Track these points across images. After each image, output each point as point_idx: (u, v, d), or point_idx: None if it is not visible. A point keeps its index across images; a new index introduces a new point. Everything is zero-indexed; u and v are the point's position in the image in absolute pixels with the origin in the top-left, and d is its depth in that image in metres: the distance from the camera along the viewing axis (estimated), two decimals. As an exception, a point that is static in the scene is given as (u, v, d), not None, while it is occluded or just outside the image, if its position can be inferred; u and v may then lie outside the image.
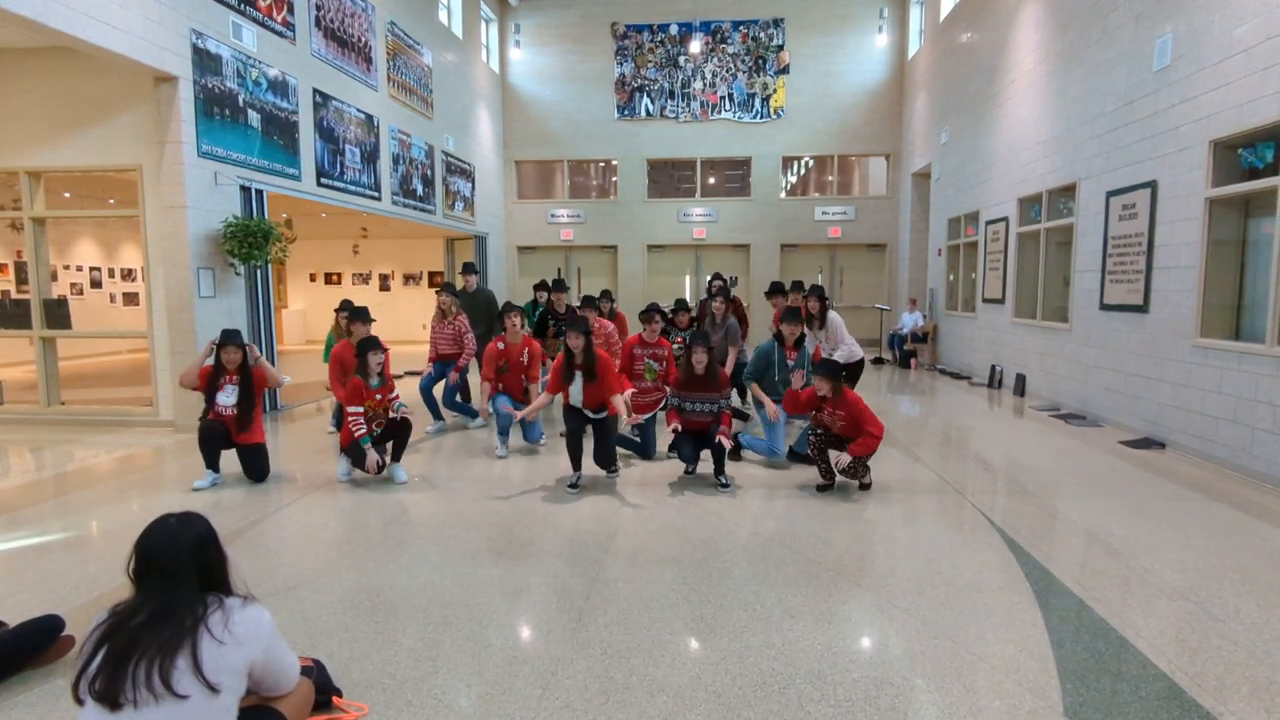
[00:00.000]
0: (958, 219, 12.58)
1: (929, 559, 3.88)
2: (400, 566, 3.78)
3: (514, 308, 6.35)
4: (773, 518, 4.58)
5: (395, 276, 18.26)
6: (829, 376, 4.92)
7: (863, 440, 4.83)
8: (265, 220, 7.72)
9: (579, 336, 5.13)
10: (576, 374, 5.19)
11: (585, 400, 5.23)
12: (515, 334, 6.32)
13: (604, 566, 3.78)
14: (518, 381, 6.32)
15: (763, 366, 5.87)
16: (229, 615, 2.01)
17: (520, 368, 6.31)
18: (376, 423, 5.35)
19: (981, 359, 11.17)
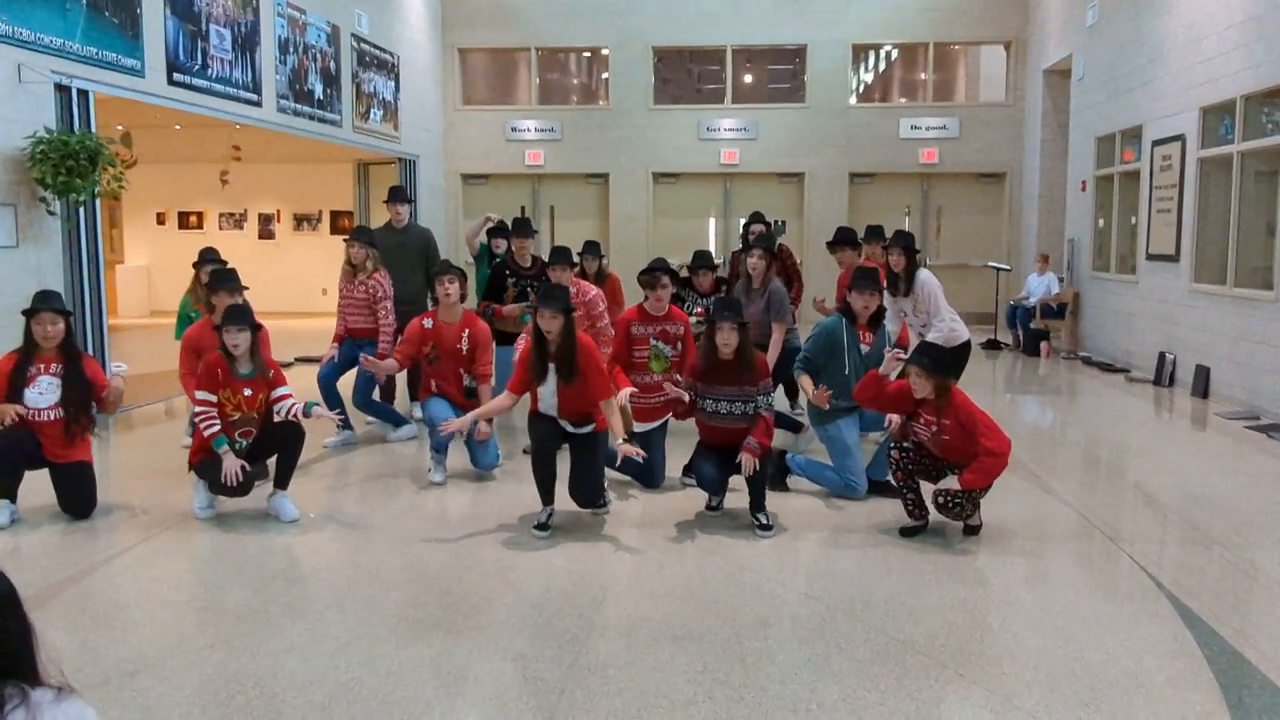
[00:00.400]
0: (1110, 138, 12.55)
1: (1066, 638, 3.85)
2: (288, 643, 3.76)
3: (450, 269, 6.32)
4: (835, 575, 4.56)
5: (282, 218, 18.26)
6: (933, 370, 4.90)
7: (980, 464, 4.81)
8: (92, 135, 7.69)
9: (556, 315, 5.09)
10: (550, 368, 5.16)
11: (562, 408, 5.21)
12: (451, 308, 6.30)
13: (587, 646, 3.76)
14: (455, 377, 6.30)
15: (822, 354, 5.85)
16: (36, 715, 1.99)
17: (458, 358, 6.29)
18: (244, 431, 5.33)
19: (1145, 343, 11.17)
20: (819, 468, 5.98)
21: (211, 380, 5.25)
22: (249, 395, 5.31)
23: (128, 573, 4.58)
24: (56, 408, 5.25)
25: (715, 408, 5.30)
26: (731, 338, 5.17)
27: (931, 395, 4.93)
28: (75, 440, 5.34)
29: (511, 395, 5.32)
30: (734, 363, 5.21)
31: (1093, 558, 4.84)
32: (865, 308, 5.82)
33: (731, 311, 5.21)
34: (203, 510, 5.37)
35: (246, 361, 5.32)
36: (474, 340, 6.29)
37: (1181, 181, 10.22)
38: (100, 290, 8.30)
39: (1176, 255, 10.37)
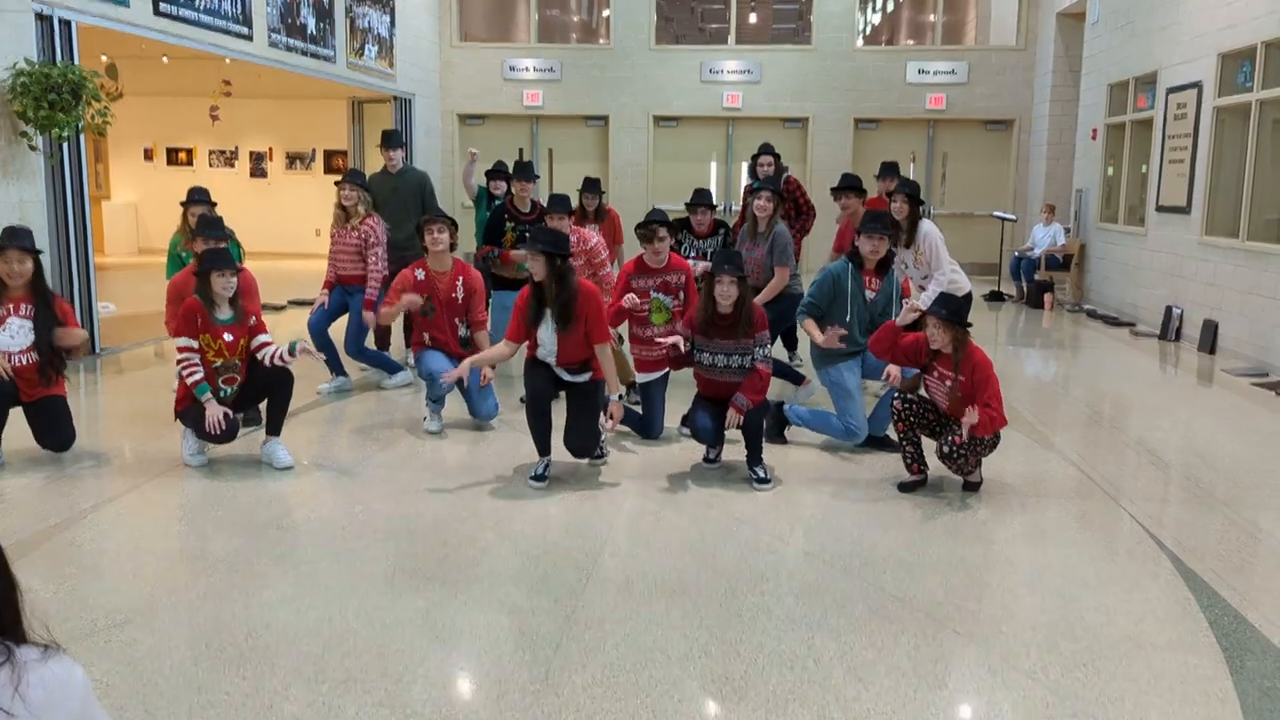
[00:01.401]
0: (1124, 84, 12.37)
1: (1065, 597, 3.86)
2: (281, 594, 3.77)
3: (439, 216, 6.24)
4: (833, 530, 4.57)
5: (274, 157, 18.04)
6: (950, 322, 4.86)
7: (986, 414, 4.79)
8: (76, 67, 7.55)
9: (536, 257, 5.02)
10: (546, 313, 5.12)
11: (560, 355, 5.18)
12: (440, 256, 6.22)
13: (583, 599, 3.77)
14: (451, 327, 6.26)
15: (826, 299, 5.80)
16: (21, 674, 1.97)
17: (454, 307, 6.24)
18: (227, 378, 5.30)
19: (1152, 296, 11.13)
20: (819, 416, 5.98)
21: (190, 325, 5.19)
22: (229, 341, 5.27)
23: (116, 521, 4.58)
24: (30, 351, 5.22)
25: (712, 361, 5.27)
26: (731, 290, 5.13)
27: (949, 347, 4.90)
28: (53, 382, 5.33)
29: (511, 343, 5.28)
30: (733, 316, 5.17)
31: (1093, 516, 4.85)
32: (874, 252, 5.74)
33: (732, 264, 5.16)
34: (193, 457, 5.36)
35: (226, 307, 5.27)
36: (469, 288, 6.24)
37: (1196, 131, 10.10)
38: (86, 228, 8.21)
39: (1188, 207, 10.29)
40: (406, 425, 6.32)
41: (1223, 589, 3.96)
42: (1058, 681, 3.20)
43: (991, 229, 15.06)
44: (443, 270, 6.22)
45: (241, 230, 6.91)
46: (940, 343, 4.91)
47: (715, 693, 3.12)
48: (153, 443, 5.80)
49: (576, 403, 5.28)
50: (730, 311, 5.17)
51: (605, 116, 16.64)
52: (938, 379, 5.01)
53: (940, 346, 4.93)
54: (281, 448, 5.39)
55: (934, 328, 4.90)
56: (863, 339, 5.73)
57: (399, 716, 2.95)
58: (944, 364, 4.97)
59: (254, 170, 17.93)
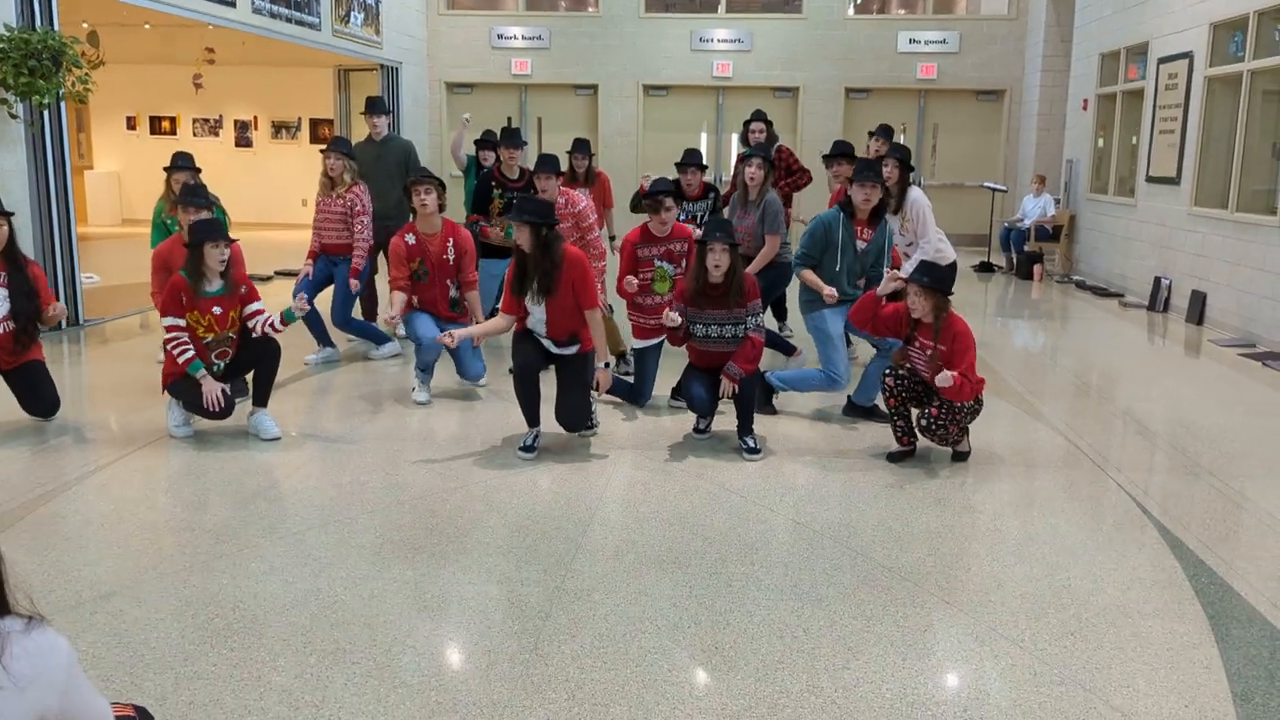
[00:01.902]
0: (1115, 54, 12.32)
1: (1052, 566, 3.88)
2: (268, 565, 3.76)
3: (426, 178, 6.19)
4: (823, 500, 4.58)
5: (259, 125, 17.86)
6: (933, 289, 4.84)
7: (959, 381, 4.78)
8: (55, 33, 7.43)
9: (521, 226, 4.98)
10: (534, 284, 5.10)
11: (550, 326, 5.15)
12: (429, 219, 6.18)
13: (572, 570, 3.77)
14: (443, 290, 6.23)
15: (818, 247, 5.79)
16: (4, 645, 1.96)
17: (446, 269, 6.22)
18: (220, 352, 5.26)
19: (1141, 268, 11.14)
20: (801, 375, 6.01)
21: (175, 304, 5.13)
22: (219, 314, 5.21)
23: (101, 491, 4.56)
24: (6, 319, 5.18)
25: (705, 332, 5.25)
26: (723, 259, 5.10)
27: (929, 316, 4.88)
28: (28, 349, 5.29)
29: (507, 317, 5.25)
30: (724, 285, 5.15)
31: (1080, 485, 4.86)
32: (866, 200, 5.72)
33: (722, 232, 5.13)
34: (178, 428, 5.33)
35: (215, 278, 5.20)
36: (459, 249, 6.22)
37: (1187, 101, 10.07)
38: (68, 198, 8.11)
39: (1177, 178, 10.28)
40: (394, 396, 6.30)
41: (1209, 558, 3.98)
42: (1045, 650, 3.22)
43: (982, 200, 15.03)
44: (432, 232, 6.18)
45: (226, 200, 6.83)
46: (921, 311, 4.89)
47: (705, 662, 3.13)
48: (137, 414, 5.76)
49: (565, 376, 5.26)
50: (721, 281, 5.14)
51: (594, 85, 16.51)
52: (919, 349, 5.00)
53: (921, 315, 4.91)
54: (268, 418, 5.36)
55: (914, 295, 4.88)
56: (851, 289, 5.72)
57: (388, 687, 2.94)
58: (925, 334, 4.95)
59: (239, 139, 17.75)
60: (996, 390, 6.72)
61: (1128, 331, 9.40)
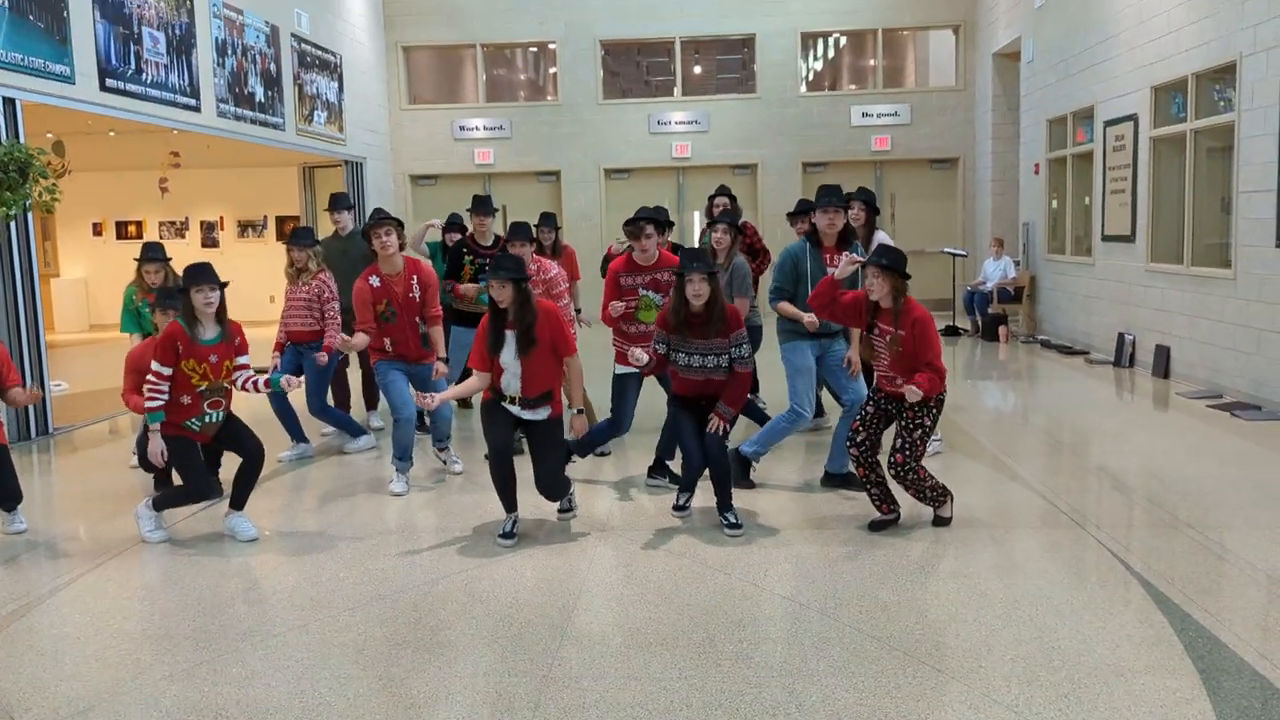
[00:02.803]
0: (1062, 119, 12.69)
1: (1040, 628, 3.88)
2: (250, 669, 3.68)
3: (385, 220, 6.20)
4: (807, 573, 4.56)
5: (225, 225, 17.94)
6: (890, 270, 4.88)
7: (928, 375, 4.80)
8: (21, 145, 7.47)
9: (504, 284, 5.00)
10: (508, 337, 5.08)
11: (524, 384, 5.09)
12: (391, 259, 6.17)
13: (559, 657, 3.72)
14: (412, 328, 6.18)
15: (789, 279, 5.84)
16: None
17: (412, 307, 6.19)
18: (212, 401, 5.18)
19: (1103, 324, 11.33)
20: (768, 430, 6.00)
21: (169, 353, 5.06)
22: (214, 363, 5.13)
23: (75, 603, 4.46)
24: None
25: (688, 361, 5.23)
26: (702, 288, 5.11)
27: (888, 299, 4.91)
28: None
29: (481, 375, 5.21)
30: (705, 314, 5.16)
31: (1062, 544, 4.88)
32: (830, 225, 5.77)
33: (701, 262, 5.16)
34: (151, 534, 5.24)
35: (212, 325, 5.14)
36: (423, 283, 6.20)
37: (1135, 161, 10.37)
38: (36, 307, 8.08)
39: (1132, 235, 10.53)
40: (371, 489, 6.24)
41: (1195, 611, 3.99)
42: (1041, 713, 3.20)
43: (943, 265, 15.29)
44: (395, 272, 6.18)
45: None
46: (879, 293, 4.91)
47: (699, 746, 3.08)
48: (110, 522, 5.67)
49: (537, 443, 5.22)
50: (702, 310, 5.15)
51: (557, 171, 16.76)
52: (879, 335, 5.00)
53: (879, 298, 4.92)
54: (245, 520, 5.29)
55: (873, 277, 4.91)
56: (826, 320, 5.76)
57: (377, 790, 2.87)
58: (885, 319, 4.96)
59: (205, 240, 17.79)
60: (970, 452, 6.76)
61: (1096, 388, 9.52)
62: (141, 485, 6.39)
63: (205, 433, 5.19)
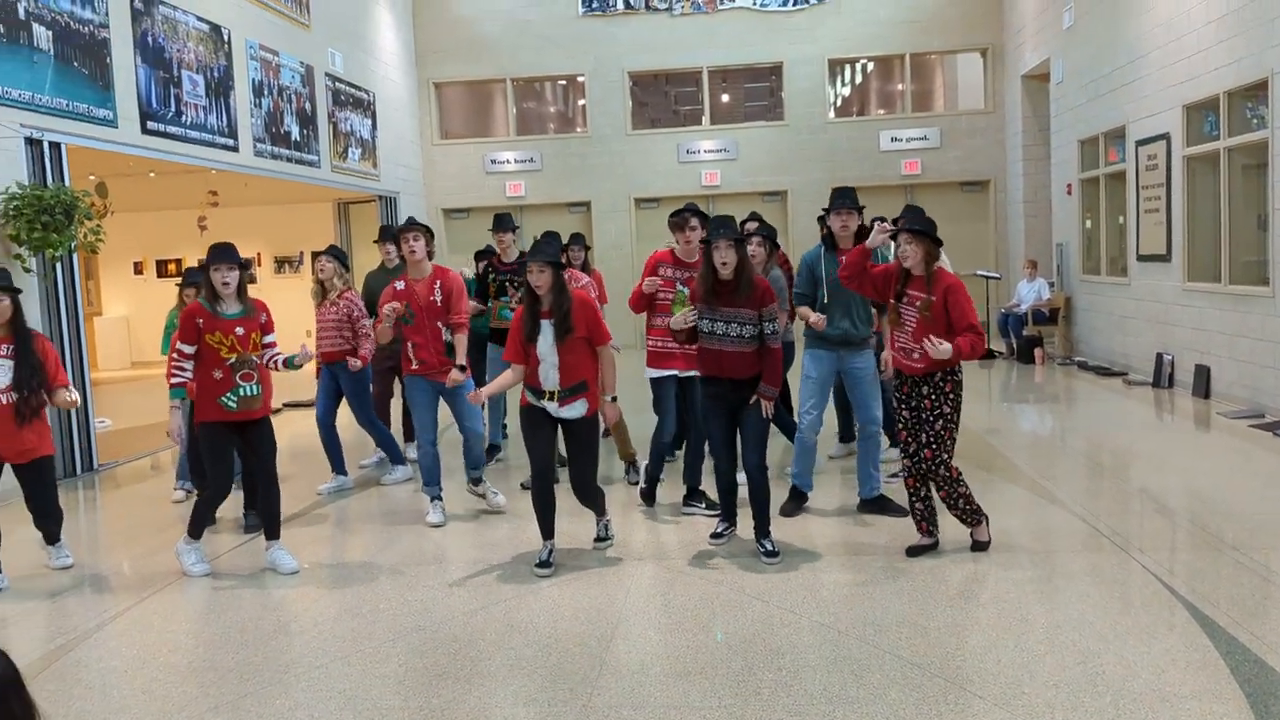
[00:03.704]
0: (1094, 140, 12.63)
1: (1083, 653, 3.84)
2: (293, 701, 3.72)
3: (413, 226, 6.25)
4: (845, 600, 4.55)
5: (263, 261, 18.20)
6: (925, 235, 4.88)
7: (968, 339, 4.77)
8: (66, 188, 7.67)
9: (543, 269, 5.04)
10: (544, 326, 5.11)
11: (562, 373, 5.12)
12: (419, 265, 6.19)
13: (599, 686, 3.73)
14: (434, 333, 6.13)
15: (808, 285, 5.86)
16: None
17: (434, 311, 6.15)
18: (244, 374, 5.22)
19: (1141, 344, 11.21)
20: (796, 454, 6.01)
21: (190, 330, 5.18)
22: (241, 335, 5.22)
23: (122, 637, 4.53)
24: (9, 391, 5.17)
25: (711, 328, 5.19)
26: (729, 255, 5.10)
27: (920, 266, 4.91)
28: (28, 422, 5.22)
29: (516, 368, 5.25)
30: (734, 282, 5.15)
31: (1103, 568, 4.83)
32: (844, 227, 5.78)
33: (728, 229, 5.16)
34: (194, 566, 5.32)
35: (234, 302, 5.25)
36: (446, 289, 6.17)
37: (1168, 180, 10.30)
38: (81, 344, 8.25)
39: (1168, 254, 10.43)
40: (409, 520, 6.29)
41: (1241, 634, 3.93)
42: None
43: (977, 288, 15.18)
44: (420, 277, 6.20)
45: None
46: (914, 259, 4.90)
47: (740, 774, 3.07)
48: (154, 556, 5.75)
49: (575, 441, 5.25)
50: (731, 278, 5.14)
51: (587, 202, 16.90)
52: (908, 302, 4.98)
53: (914, 264, 4.92)
54: (285, 553, 5.35)
55: (906, 243, 4.91)
56: (843, 320, 5.73)
57: (420, 820, 2.89)
58: (916, 285, 4.96)
59: None
60: (1008, 475, 6.71)
61: (1135, 409, 9.41)
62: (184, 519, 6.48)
63: (241, 411, 5.23)
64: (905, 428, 5.08)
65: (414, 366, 6.16)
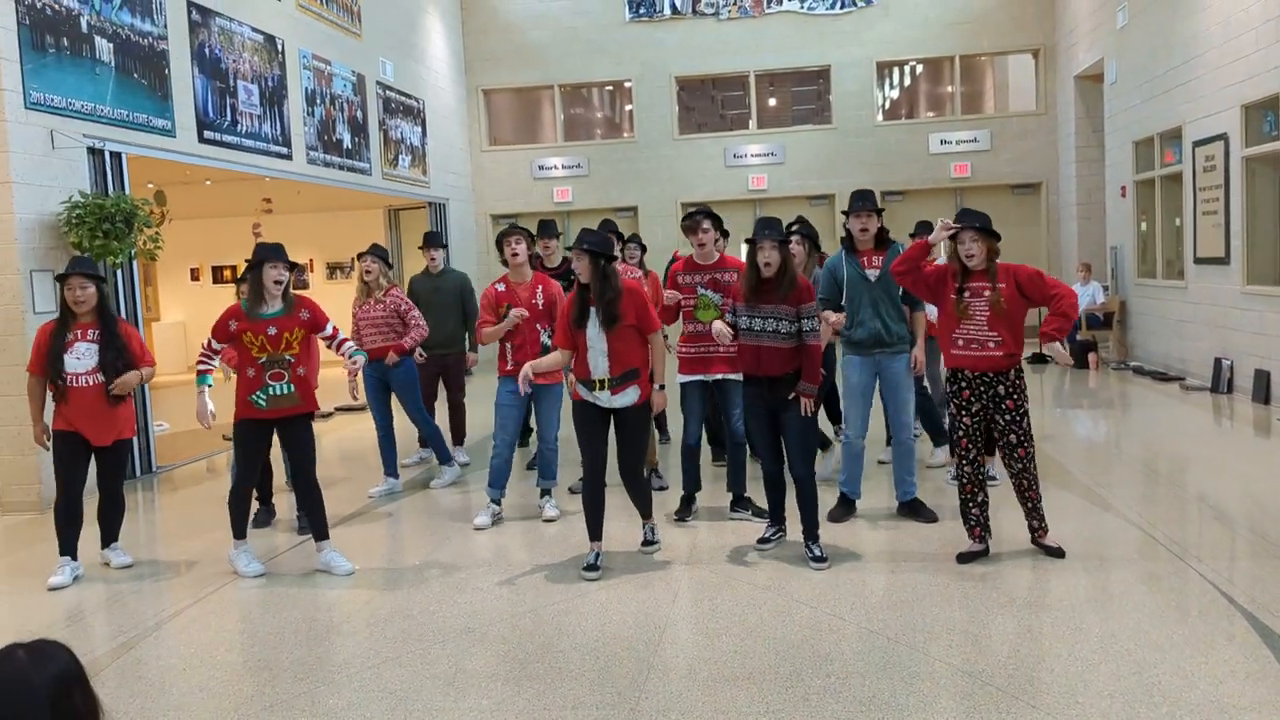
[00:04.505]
0: (1149, 141, 12.41)
1: (1139, 664, 3.78)
2: (345, 701, 3.78)
3: (515, 230, 6.30)
4: (894, 606, 4.51)
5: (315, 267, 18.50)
6: (988, 232, 4.91)
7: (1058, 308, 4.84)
8: (126, 197, 7.84)
9: (581, 255, 5.09)
10: (591, 312, 5.14)
11: (612, 360, 5.15)
12: (520, 269, 6.23)
13: (646, 690, 3.74)
14: (533, 335, 6.16)
15: (829, 290, 5.87)
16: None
17: (535, 313, 6.18)
18: (274, 373, 5.30)
19: (1198, 349, 10.98)
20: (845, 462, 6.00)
21: (222, 330, 5.34)
22: (273, 335, 5.28)
23: (180, 635, 4.63)
24: (95, 372, 5.33)
25: (750, 324, 5.23)
26: (773, 256, 5.16)
27: (984, 261, 4.93)
28: (117, 404, 5.40)
29: (564, 350, 5.31)
30: (775, 280, 5.19)
31: (1160, 576, 4.74)
32: (863, 229, 5.78)
33: (773, 230, 5.21)
34: (248, 566, 5.41)
35: (277, 301, 5.34)
36: (549, 295, 6.24)
37: (1227, 181, 10.09)
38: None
39: (1226, 257, 10.22)
40: (458, 523, 6.34)
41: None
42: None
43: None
44: (522, 282, 6.27)
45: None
46: (979, 257, 4.92)
47: (788, 780, 3.07)
48: (210, 556, 5.86)
49: (626, 428, 5.26)
50: (773, 277, 5.19)
51: (634, 207, 16.93)
52: (974, 294, 4.96)
53: (977, 261, 4.93)
54: (338, 555, 5.43)
55: (971, 241, 4.91)
56: (872, 321, 5.71)
57: (471, 820, 2.92)
58: (978, 279, 4.95)
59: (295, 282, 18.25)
60: (1062, 482, 6.61)
61: (1192, 415, 9.23)
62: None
63: (272, 409, 5.32)
64: (967, 435, 5.04)
65: (509, 367, 6.20)
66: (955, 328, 5.01)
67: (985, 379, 4.97)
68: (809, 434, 5.27)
